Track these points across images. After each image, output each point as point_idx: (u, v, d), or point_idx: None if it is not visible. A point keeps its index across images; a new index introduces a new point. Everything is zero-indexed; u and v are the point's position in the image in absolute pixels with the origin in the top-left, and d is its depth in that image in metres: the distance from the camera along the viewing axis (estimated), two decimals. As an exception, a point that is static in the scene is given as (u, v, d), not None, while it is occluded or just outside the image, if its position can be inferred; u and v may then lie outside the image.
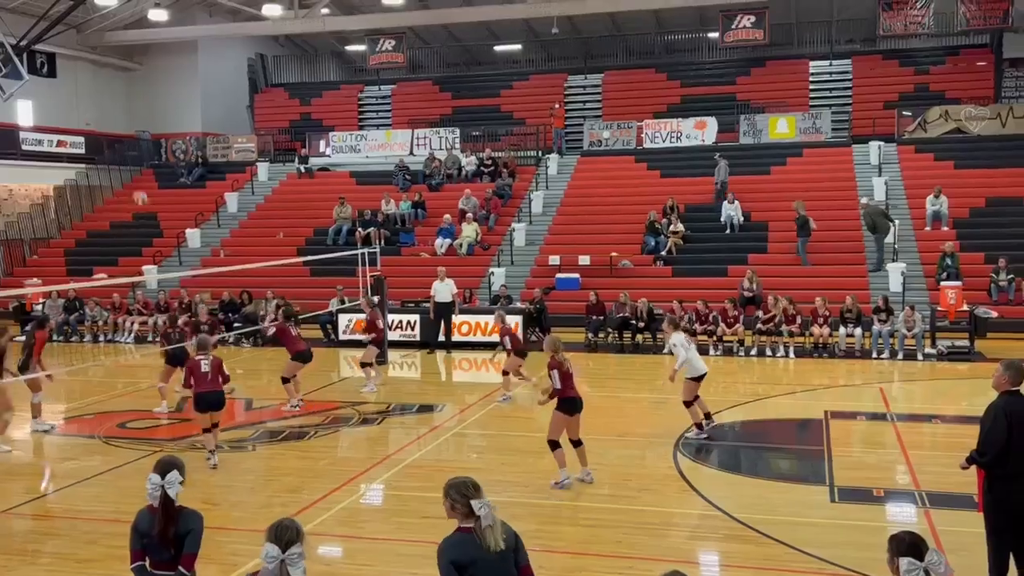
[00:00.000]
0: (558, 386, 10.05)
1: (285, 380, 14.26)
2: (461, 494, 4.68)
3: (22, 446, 12.50)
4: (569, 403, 10.11)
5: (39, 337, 13.85)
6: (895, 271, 21.60)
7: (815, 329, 19.21)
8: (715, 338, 19.42)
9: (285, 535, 4.53)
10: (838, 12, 33.60)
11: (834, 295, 19.76)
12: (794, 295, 19.69)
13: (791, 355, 18.88)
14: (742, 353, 19.18)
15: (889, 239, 22.75)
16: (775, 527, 8.70)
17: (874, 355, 18.54)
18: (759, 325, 19.30)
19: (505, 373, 15.03)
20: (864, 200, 24.05)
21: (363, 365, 15.91)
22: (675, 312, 19.75)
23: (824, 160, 27.48)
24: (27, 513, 9.77)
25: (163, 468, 5.31)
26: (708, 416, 12.41)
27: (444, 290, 20.29)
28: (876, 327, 18.70)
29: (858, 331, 18.95)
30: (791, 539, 8.36)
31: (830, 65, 32.88)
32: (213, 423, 11.23)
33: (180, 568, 5.25)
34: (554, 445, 10.11)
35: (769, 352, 19.04)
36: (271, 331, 15.58)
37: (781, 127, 28.74)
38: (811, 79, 32.51)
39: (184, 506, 5.25)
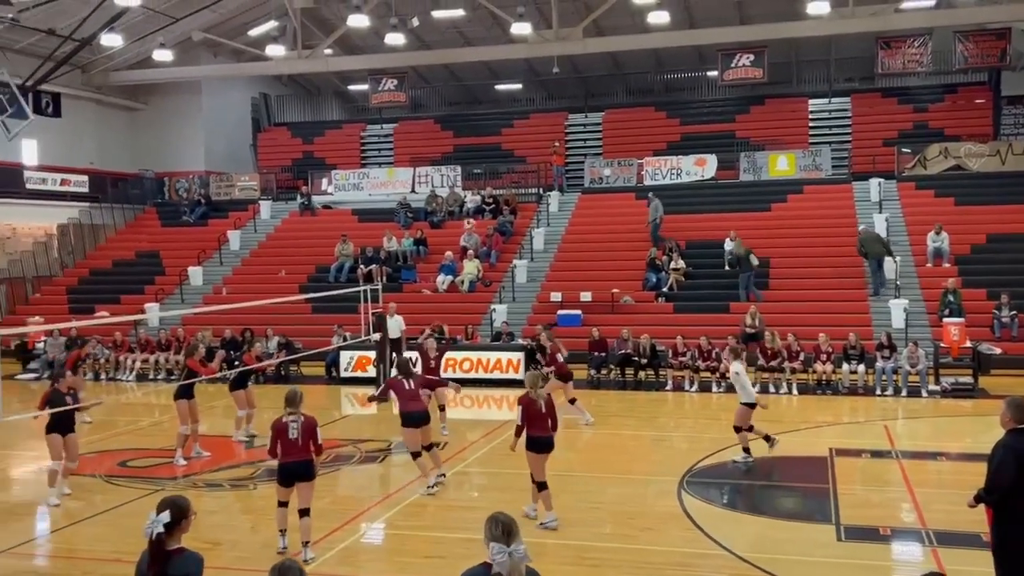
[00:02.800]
0: (520, 423, 10.03)
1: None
2: (489, 530, 4.56)
3: (23, 485, 12.42)
4: (534, 442, 9.98)
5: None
6: (897, 307, 21.58)
7: (818, 366, 19.17)
8: (718, 375, 19.35)
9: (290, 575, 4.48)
10: (836, 51, 33.92)
11: (836, 332, 19.72)
12: (796, 332, 19.67)
13: (794, 392, 18.81)
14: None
15: (891, 275, 22.79)
16: (782, 566, 8.62)
17: (878, 392, 18.48)
18: (760, 362, 19.25)
19: (572, 401, 15.63)
20: (862, 227, 24.16)
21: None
22: (678, 348, 19.79)
23: (825, 197, 27.59)
24: (28, 553, 9.69)
25: (159, 507, 5.21)
26: (768, 438, 12.76)
27: (394, 326, 20.13)
28: (879, 364, 18.67)
29: (861, 367, 18.91)
30: (797, 578, 8.28)
31: (829, 103, 33.13)
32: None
33: None
34: (541, 486, 10.04)
35: (772, 389, 18.97)
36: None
37: (781, 164, 28.89)
38: (810, 116, 32.74)
39: (185, 548, 5.14)
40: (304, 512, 8.98)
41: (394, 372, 11.70)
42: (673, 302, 23.74)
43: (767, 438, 12.78)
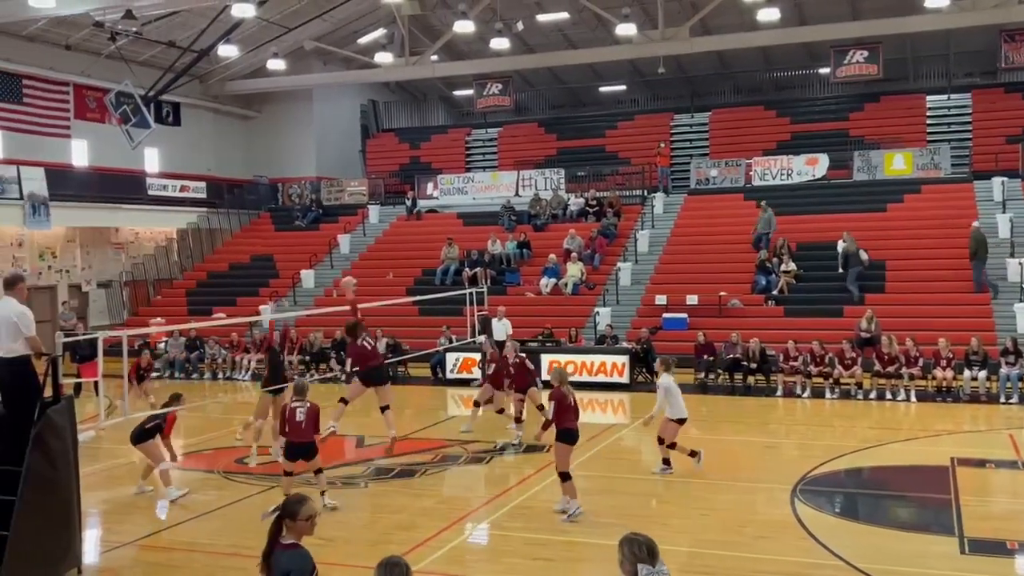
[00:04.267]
0: (549, 417, 10.55)
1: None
2: (632, 552, 4.53)
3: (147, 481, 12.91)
4: (566, 433, 10.37)
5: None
6: (1023, 312, 20.58)
7: (937, 372, 18.43)
8: (832, 380, 18.80)
9: (394, 572, 4.54)
10: (955, 45, 32.59)
11: (957, 337, 18.94)
12: (916, 336, 18.96)
13: (912, 399, 18.12)
14: (860, 396, 18.50)
15: (1015, 278, 21.77)
16: (901, 579, 8.30)
17: (1002, 399, 17.64)
18: (876, 367, 18.62)
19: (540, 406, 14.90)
20: (976, 224, 23.15)
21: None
22: (789, 353, 19.32)
23: (944, 197, 26.52)
24: (150, 545, 10.08)
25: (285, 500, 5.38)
26: (693, 454, 12.39)
27: (501, 329, 20.24)
28: (1004, 370, 17.82)
29: (983, 374, 18.08)
30: (918, 592, 7.97)
31: (948, 99, 31.86)
32: (310, 470, 11.09)
33: None
34: (565, 476, 10.34)
35: (889, 396, 18.31)
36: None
37: (897, 163, 27.91)
38: (928, 113, 31.54)
39: (298, 544, 5.24)
40: (319, 471, 11.08)
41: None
42: (784, 305, 23.18)
43: (692, 453, 12.35)
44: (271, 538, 5.22)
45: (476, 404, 15.69)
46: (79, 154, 30.95)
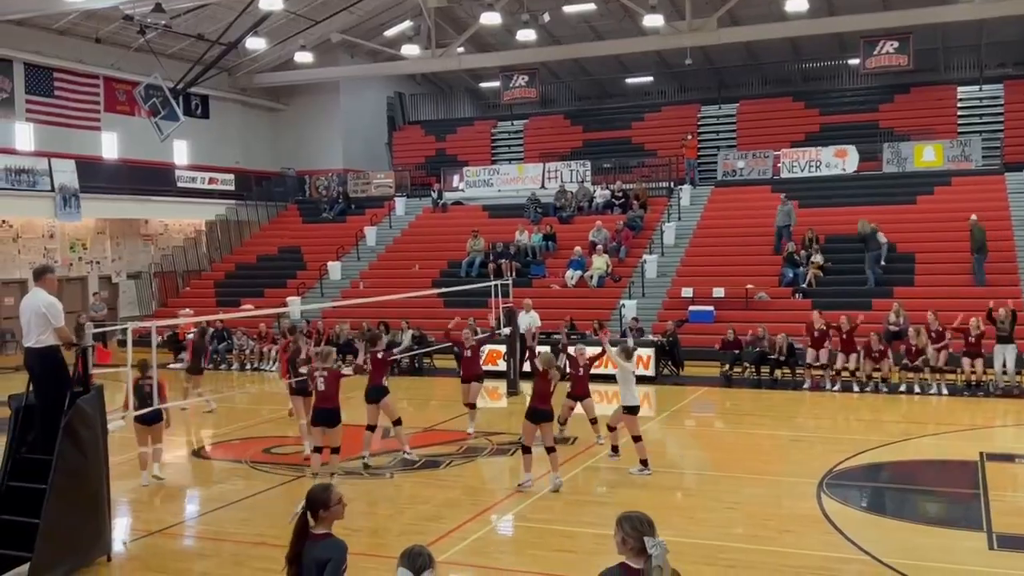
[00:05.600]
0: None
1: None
2: (635, 528, 4.49)
3: (174, 470, 13.06)
4: (532, 412, 11.31)
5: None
6: (1055, 305, 20.29)
7: (965, 363, 18.09)
8: (862, 374, 18.62)
9: (418, 561, 4.55)
10: (987, 35, 32.14)
11: (988, 329, 18.66)
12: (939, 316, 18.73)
13: (943, 392, 17.93)
14: (887, 390, 18.35)
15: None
16: (927, 573, 8.25)
17: (1033, 394, 17.42)
18: (904, 361, 18.43)
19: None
20: (974, 217, 22.81)
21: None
22: (811, 329, 19.14)
23: (975, 189, 26.19)
24: (178, 533, 10.20)
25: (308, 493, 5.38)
26: (615, 449, 12.68)
27: (527, 321, 20.17)
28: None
29: (1012, 365, 17.75)
30: (946, 588, 7.90)
31: (980, 90, 31.46)
32: (330, 446, 11.54)
33: None
34: (525, 449, 11.36)
35: (918, 389, 18.14)
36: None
37: (928, 155, 27.60)
38: (959, 105, 31.16)
39: (330, 533, 5.27)
40: (335, 451, 11.57)
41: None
42: (811, 298, 23.01)
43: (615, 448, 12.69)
44: (299, 535, 5.18)
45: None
46: (109, 146, 31.26)
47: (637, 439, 12.15)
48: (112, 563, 9.00)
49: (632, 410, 12.22)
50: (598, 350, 13.47)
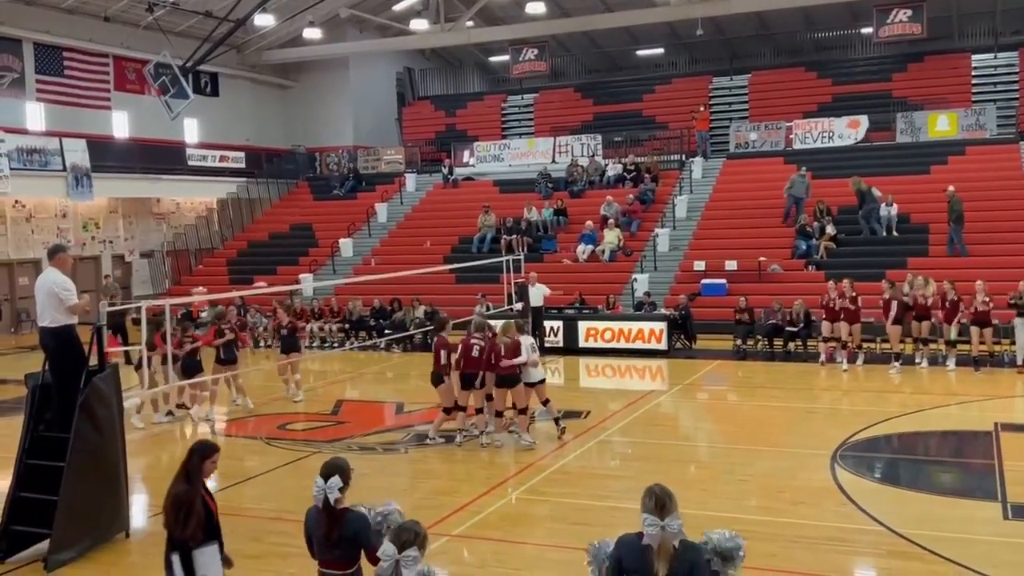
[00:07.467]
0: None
1: None
2: (643, 502, 4.55)
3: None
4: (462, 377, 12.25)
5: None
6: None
7: (973, 332, 17.83)
8: (878, 346, 18.54)
9: (403, 536, 4.61)
10: (1003, 2, 31.72)
11: (1001, 300, 18.56)
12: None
13: (954, 364, 17.84)
14: (901, 362, 18.27)
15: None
16: (942, 544, 8.24)
17: (1049, 364, 17.29)
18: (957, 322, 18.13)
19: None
20: (951, 188, 22.61)
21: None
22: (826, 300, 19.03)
23: (989, 158, 25.97)
24: (196, 509, 10.26)
25: (326, 471, 5.42)
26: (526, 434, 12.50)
27: (537, 294, 20.15)
28: (1050, 334, 17.42)
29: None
30: (960, 556, 7.91)
31: (994, 58, 31.09)
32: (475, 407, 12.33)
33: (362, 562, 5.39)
34: (448, 410, 12.41)
35: (931, 361, 18.05)
36: None
37: (941, 124, 27.36)
38: (973, 73, 30.82)
39: (349, 508, 5.34)
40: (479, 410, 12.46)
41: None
42: (824, 270, 22.91)
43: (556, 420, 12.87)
44: (330, 517, 5.31)
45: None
46: (119, 125, 31.31)
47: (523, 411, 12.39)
48: (130, 539, 9.09)
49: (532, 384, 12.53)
50: (522, 358, 12.34)
